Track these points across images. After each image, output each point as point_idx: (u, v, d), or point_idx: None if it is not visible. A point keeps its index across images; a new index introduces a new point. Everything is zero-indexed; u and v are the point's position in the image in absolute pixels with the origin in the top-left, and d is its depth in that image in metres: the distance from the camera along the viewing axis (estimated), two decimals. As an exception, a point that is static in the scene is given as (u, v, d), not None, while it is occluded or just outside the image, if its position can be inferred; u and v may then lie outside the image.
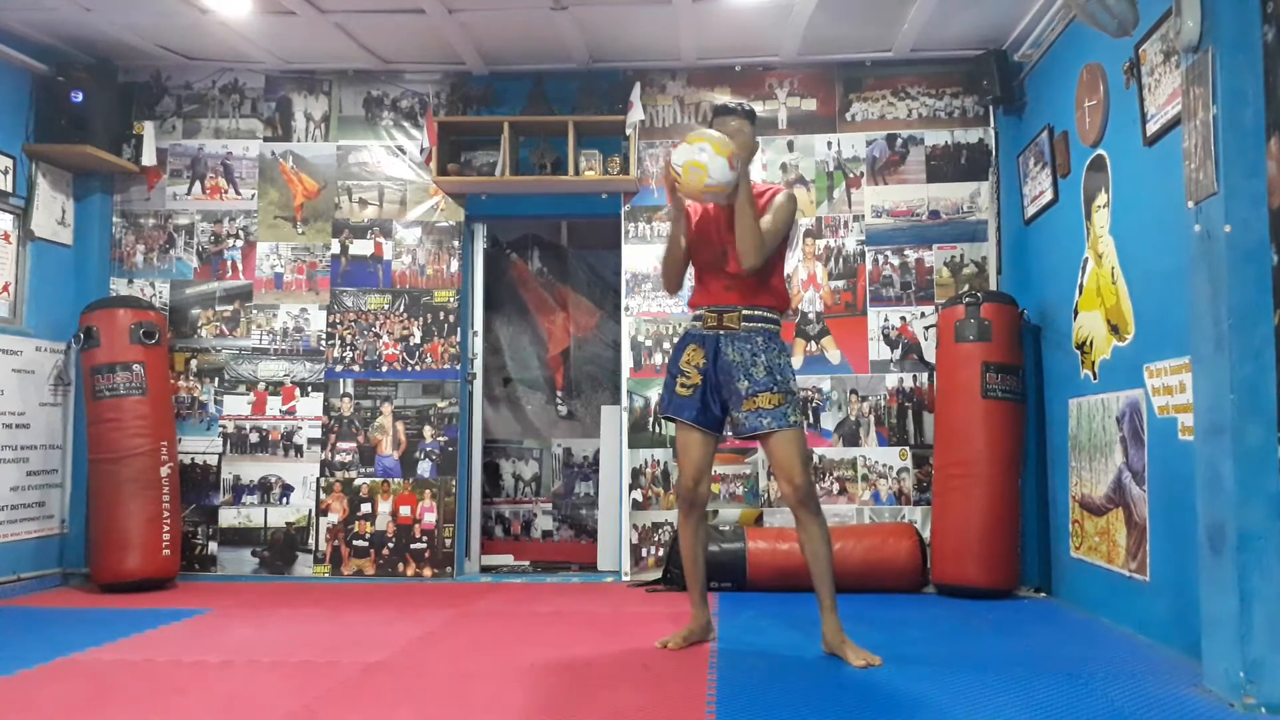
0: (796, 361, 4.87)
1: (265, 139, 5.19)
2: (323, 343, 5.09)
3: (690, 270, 3.31)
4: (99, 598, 4.41)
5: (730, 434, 3.26)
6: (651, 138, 5.08)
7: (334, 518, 4.97)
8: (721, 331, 3.15)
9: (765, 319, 3.17)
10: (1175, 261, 3.00)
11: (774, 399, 3.07)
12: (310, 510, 4.99)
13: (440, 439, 5.01)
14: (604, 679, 2.84)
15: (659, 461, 4.94)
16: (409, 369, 5.06)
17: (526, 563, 5.56)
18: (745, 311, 3.14)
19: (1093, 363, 3.87)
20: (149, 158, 5.06)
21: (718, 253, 3.19)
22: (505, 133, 4.89)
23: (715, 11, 4.47)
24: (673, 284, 3.28)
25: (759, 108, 4.97)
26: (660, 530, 4.88)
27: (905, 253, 4.95)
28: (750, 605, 4.03)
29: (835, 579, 3.10)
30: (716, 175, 2.91)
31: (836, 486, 4.84)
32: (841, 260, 4.98)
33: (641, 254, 5.05)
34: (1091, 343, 3.88)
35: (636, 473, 4.94)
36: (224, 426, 5.05)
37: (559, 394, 6.34)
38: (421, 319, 5.08)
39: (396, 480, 5.00)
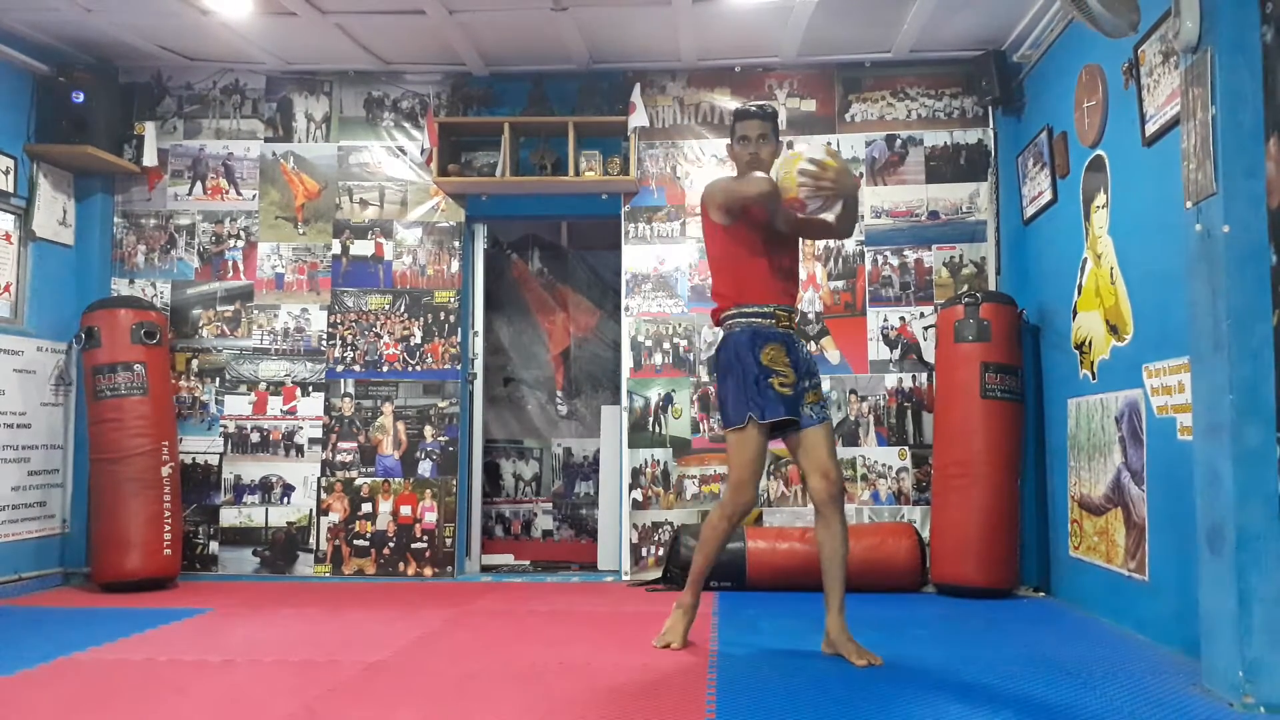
0: (796, 361, 4.88)
1: (266, 139, 5.19)
2: (324, 343, 5.09)
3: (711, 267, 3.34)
4: (100, 597, 4.42)
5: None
6: (651, 138, 5.08)
7: (335, 517, 4.98)
8: (793, 330, 3.23)
9: (806, 318, 3.33)
10: (1174, 262, 3.01)
11: (820, 394, 3.22)
12: (311, 510, 5.00)
13: (441, 439, 5.02)
14: (604, 678, 2.84)
15: (659, 461, 4.94)
16: (410, 369, 5.06)
17: (527, 562, 5.57)
18: (796, 313, 3.29)
19: (1092, 363, 3.88)
20: (150, 158, 5.07)
21: (783, 250, 3.25)
22: (505, 133, 4.89)
23: (715, 12, 4.48)
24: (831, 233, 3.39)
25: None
26: (660, 530, 4.89)
27: (904, 253, 4.95)
28: (750, 605, 4.04)
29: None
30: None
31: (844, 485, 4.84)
32: (841, 261, 4.98)
33: (641, 254, 5.06)
34: (1090, 343, 3.89)
35: (636, 472, 4.95)
36: (225, 426, 5.05)
37: (559, 394, 6.34)
38: (422, 319, 5.09)
39: (397, 480, 5.00)
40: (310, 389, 5.07)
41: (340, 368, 5.08)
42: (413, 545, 4.94)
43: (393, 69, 5.14)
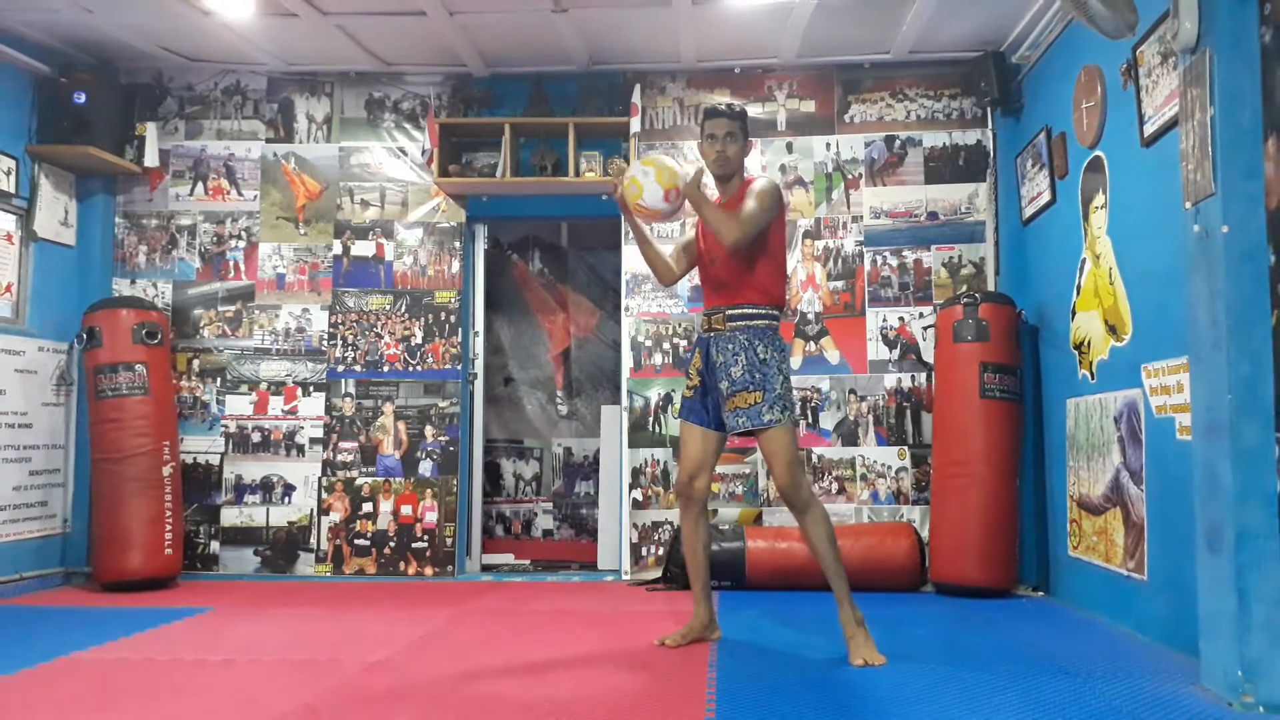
0: (795, 362, 4.89)
1: (267, 140, 5.20)
2: (324, 343, 5.10)
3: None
4: (101, 597, 4.42)
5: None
6: (652, 139, 5.09)
7: (336, 517, 4.99)
8: (711, 334, 3.23)
9: (749, 316, 3.17)
10: (1173, 262, 3.02)
11: (750, 397, 3.09)
12: (312, 509, 5.00)
13: (441, 438, 5.03)
14: (604, 678, 2.85)
15: (659, 461, 4.95)
16: (410, 369, 5.07)
17: (527, 562, 5.57)
18: (730, 312, 3.19)
19: (1090, 363, 3.88)
20: (151, 159, 5.07)
21: (709, 258, 3.29)
22: (506, 134, 4.90)
23: (715, 13, 4.48)
24: (661, 278, 3.44)
25: (758, 109, 5.01)
26: (660, 529, 4.89)
27: (904, 253, 4.96)
28: (750, 605, 4.04)
29: (842, 572, 3.08)
30: (648, 199, 3.15)
31: (835, 486, 4.85)
32: (840, 261, 4.99)
33: (641, 258, 5.04)
34: (1089, 343, 3.89)
35: (636, 472, 4.96)
36: (226, 426, 5.06)
37: (559, 394, 6.35)
38: (423, 319, 5.10)
39: (398, 479, 5.01)
40: (311, 389, 5.07)
41: (341, 368, 5.08)
42: (413, 545, 4.95)
43: (393, 70, 5.15)
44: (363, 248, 5.14)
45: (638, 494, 4.94)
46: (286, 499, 5.01)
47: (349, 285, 5.13)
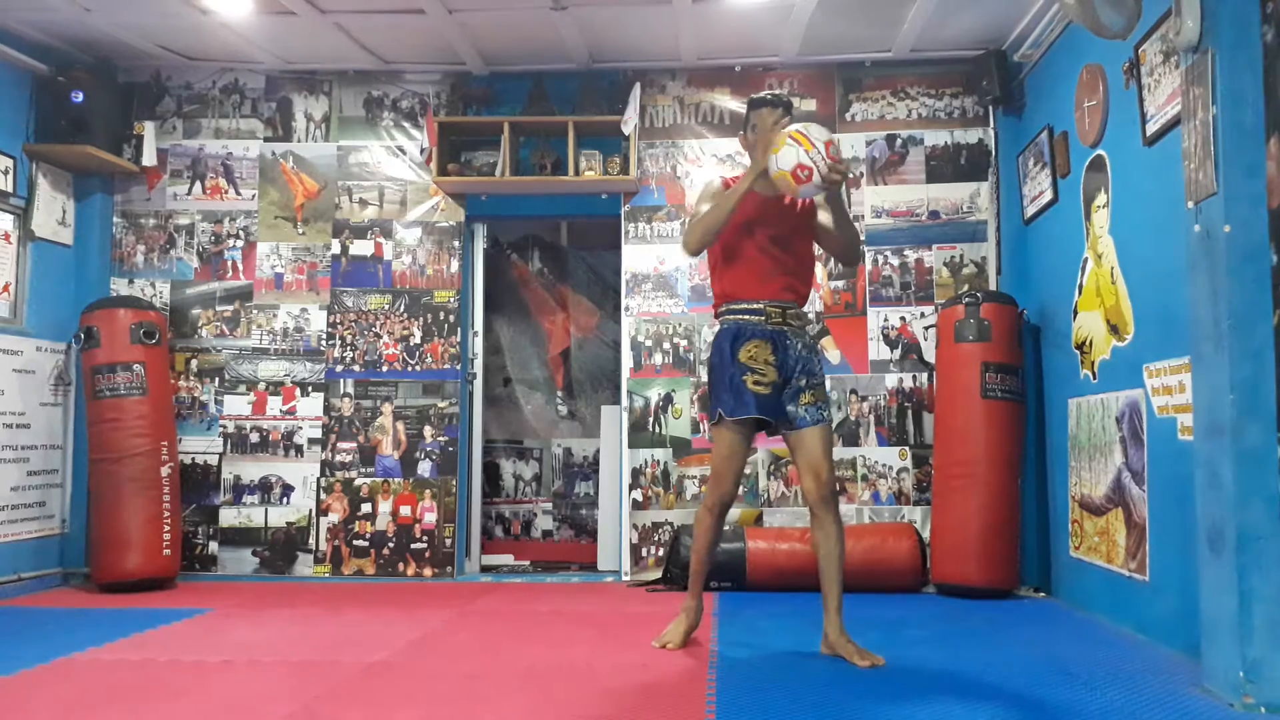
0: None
1: (265, 139, 5.19)
2: (323, 343, 5.09)
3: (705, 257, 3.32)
4: (99, 598, 4.41)
5: (772, 433, 3.23)
6: (651, 138, 5.08)
7: (334, 518, 4.97)
8: (786, 328, 3.13)
9: (804, 315, 3.26)
10: (1175, 261, 3.00)
11: (820, 394, 3.15)
12: (310, 510, 4.99)
13: (440, 439, 5.02)
14: (604, 679, 2.84)
15: (659, 461, 4.94)
16: (409, 369, 5.06)
17: (526, 562, 5.56)
18: (796, 311, 3.19)
19: (1092, 363, 3.87)
20: (149, 158, 5.06)
21: (783, 246, 3.14)
22: (505, 133, 4.89)
23: (715, 11, 4.47)
24: (706, 242, 3.12)
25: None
26: (660, 530, 4.88)
27: (905, 253, 4.95)
28: (750, 605, 4.03)
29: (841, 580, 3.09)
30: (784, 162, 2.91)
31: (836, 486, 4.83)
32: (841, 260, 4.97)
33: (641, 254, 5.05)
34: (1091, 343, 3.88)
35: (636, 473, 4.94)
36: (224, 426, 5.05)
37: (559, 394, 6.34)
38: (422, 319, 5.09)
39: (397, 480, 5.00)
40: (310, 389, 5.06)
41: (340, 368, 5.07)
42: (412, 545, 4.94)
43: (392, 68, 5.14)
44: (361, 247, 5.13)
45: (638, 494, 4.93)
46: (285, 499, 5.00)
47: (347, 285, 5.12)
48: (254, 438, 5.04)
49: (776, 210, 3.13)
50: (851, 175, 3.13)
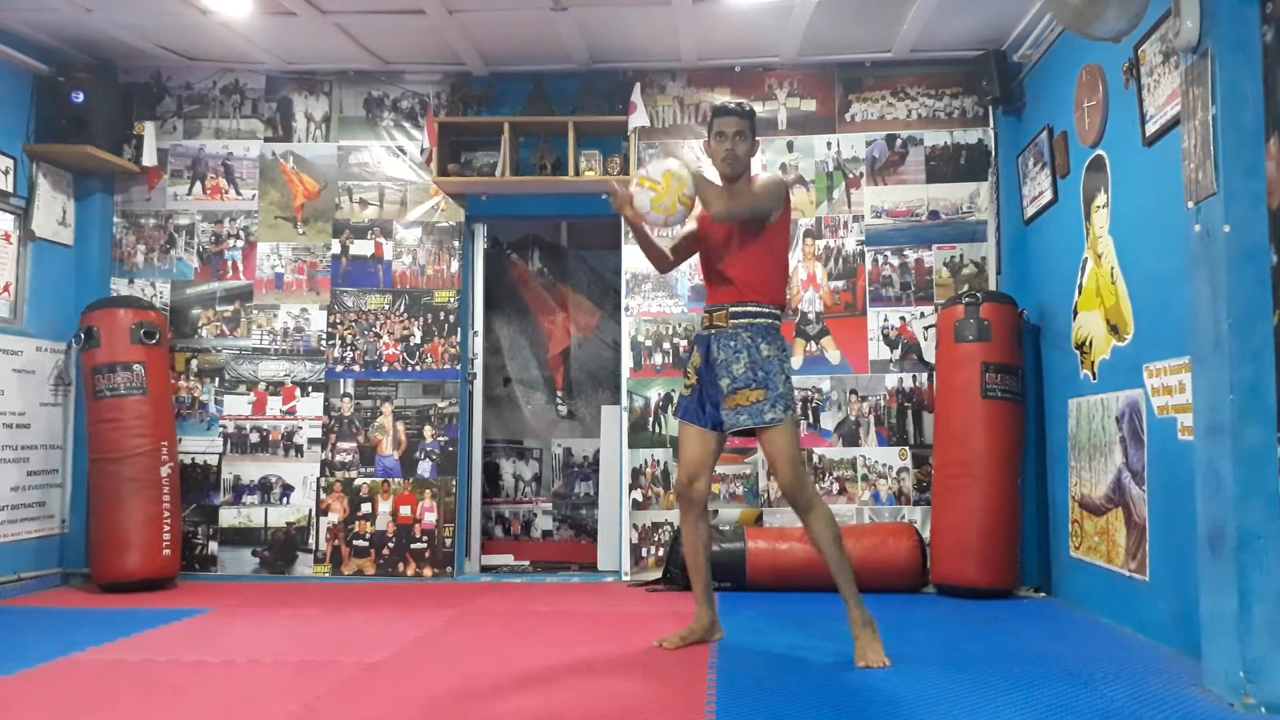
0: (796, 362, 4.87)
1: (266, 139, 5.19)
2: (323, 343, 5.09)
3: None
4: (99, 598, 4.41)
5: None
6: (652, 138, 5.08)
7: (334, 518, 4.97)
8: (712, 331, 3.21)
9: (753, 314, 3.16)
10: (1174, 262, 3.01)
11: (753, 395, 3.08)
12: (310, 510, 4.99)
13: (440, 439, 5.02)
14: (604, 679, 2.84)
15: (659, 461, 4.94)
16: (409, 369, 5.06)
17: (526, 562, 5.56)
18: (733, 309, 3.17)
19: (1092, 363, 3.87)
20: (149, 158, 5.06)
21: (716, 253, 3.25)
22: (505, 133, 4.89)
23: (715, 12, 4.47)
24: (658, 265, 3.47)
25: (759, 108, 4.97)
26: (660, 530, 4.88)
27: (905, 253, 4.95)
28: (750, 605, 4.03)
29: (848, 572, 3.06)
30: (656, 213, 3.06)
31: (836, 486, 4.84)
32: (841, 260, 4.98)
33: (641, 254, 5.03)
34: (1091, 343, 3.89)
35: (636, 473, 4.94)
36: (224, 426, 5.05)
37: (559, 394, 6.34)
38: (422, 319, 5.09)
39: (397, 480, 5.00)
40: (310, 389, 5.06)
41: (340, 368, 5.07)
42: (412, 545, 4.94)
43: (392, 69, 5.14)
44: (361, 247, 5.13)
45: (638, 494, 4.93)
46: (285, 499, 5.00)
47: (347, 285, 5.12)
48: (254, 438, 5.04)
49: (707, 221, 3.27)
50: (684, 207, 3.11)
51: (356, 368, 5.07)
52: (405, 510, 4.97)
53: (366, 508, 4.98)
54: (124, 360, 4.56)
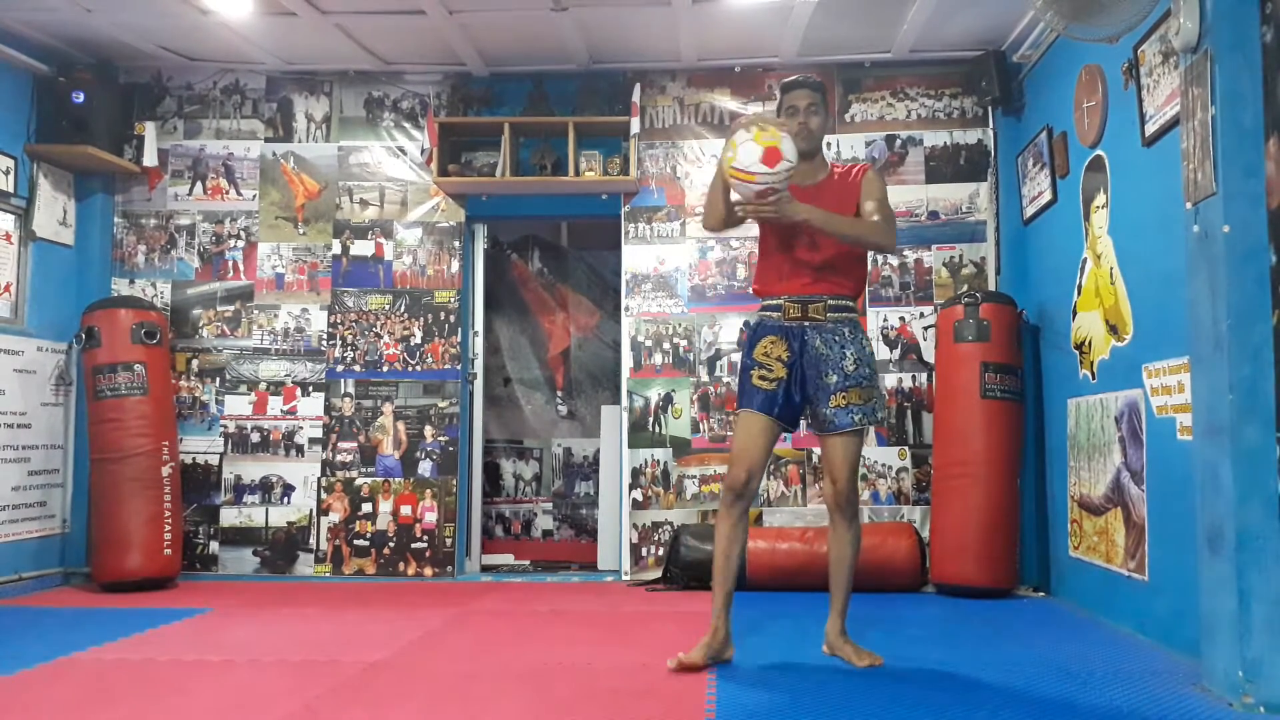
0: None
1: (266, 140, 5.19)
2: (324, 343, 5.09)
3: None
4: (100, 597, 4.42)
5: (809, 429, 3.11)
6: (651, 138, 5.09)
7: (335, 517, 4.98)
8: (807, 323, 2.98)
9: (849, 308, 3.03)
10: (1174, 262, 3.01)
11: (865, 394, 2.97)
12: (311, 510, 5.00)
13: (441, 439, 5.02)
14: (604, 678, 2.84)
15: (659, 461, 4.94)
16: (410, 369, 5.07)
17: (527, 562, 5.57)
18: (831, 301, 2.99)
19: (1091, 363, 3.88)
20: (150, 158, 5.07)
21: (805, 240, 2.99)
22: (506, 133, 4.89)
23: (715, 12, 4.48)
24: (714, 220, 3.07)
25: (758, 108, 4.99)
26: (660, 530, 4.89)
27: (904, 253, 4.95)
28: (750, 605, 4.03)
29: (851, 587, 3.07)
30: (743, 159, 2.74)
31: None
32: (841, 260, 4.97)
33: (641, 254, 5.05)
34: (1090, 343, 3.89)
35: (636, 472, 4.95)
36: (225, 426, 5.05)
37: (559, 394, 6.34)
38: (422, 319, 5.09)
39: (397, 480, 5.00)
40: (310, 389, 5.07)
41: (340, 368, 5.08)
42: (413, 545, 4.94)
43: (393, 69, 5.14)
44: (362, 247, 5.14)
45: (638, 494, 4.93)
46: (286, 499, 5.00)
47: (348, 285, 5.13)
48: (255, 437, 5.04)
49: (808, 200, 2.95)
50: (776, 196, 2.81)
51: (357, 368, 5.08)
52: (406, 510, 4.97)
53: (367, 507, 4.98)
54: (125, 360, 4.56)
